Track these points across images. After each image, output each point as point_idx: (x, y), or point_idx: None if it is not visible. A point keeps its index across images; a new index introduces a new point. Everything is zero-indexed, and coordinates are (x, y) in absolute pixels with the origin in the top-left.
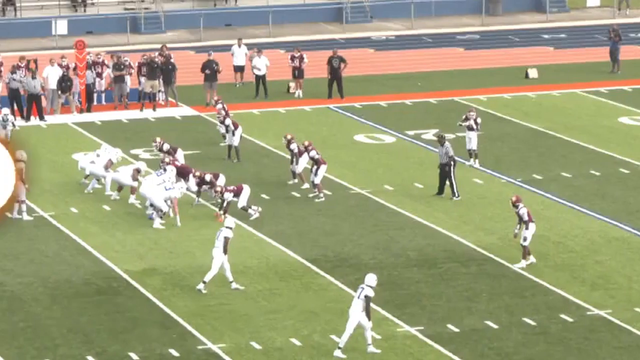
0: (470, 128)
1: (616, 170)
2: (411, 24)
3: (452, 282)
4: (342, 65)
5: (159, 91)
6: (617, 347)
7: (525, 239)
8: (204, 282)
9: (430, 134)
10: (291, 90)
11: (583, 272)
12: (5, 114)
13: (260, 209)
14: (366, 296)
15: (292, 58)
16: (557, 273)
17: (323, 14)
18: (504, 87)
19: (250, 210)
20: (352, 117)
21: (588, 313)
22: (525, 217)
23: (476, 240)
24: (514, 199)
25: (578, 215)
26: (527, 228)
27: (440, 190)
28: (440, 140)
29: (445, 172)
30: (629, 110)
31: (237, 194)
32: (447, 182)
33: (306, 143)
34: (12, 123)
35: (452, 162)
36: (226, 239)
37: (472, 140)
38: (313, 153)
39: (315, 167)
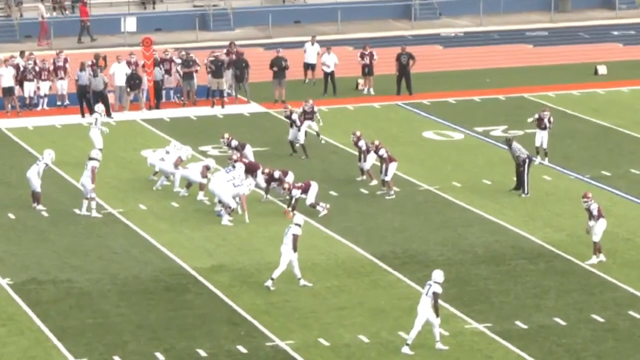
0: (543, 127)
1: None
2: (480, 20)
3: (520, 278)
4: (411, 62)
5: (225, 88)
6: None
7: (595, 235)
8: (272, 279)
9: (499, 131)
10: (360, 87)
11: None
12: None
13: (328, 205)
14: (434, 293)
15: (362, 56)
16: (625, 270)
17: (391, 11)
18: (572, 84)
19: (318, 207)
20: (420, 114)
21: None
22: (595, 213)
23: (544, 237)
24: (583, 194)
25: None
26: (596, 221)
27: (518, 186)
28: (508, 143)
29: (520, 173)
30: None
31: (305, 190)
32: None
33: (376, 142)
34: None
35: (526, 161)
36: (295, 237)
37: (544, 138)
38: (382, 152)
39: (384, 165)
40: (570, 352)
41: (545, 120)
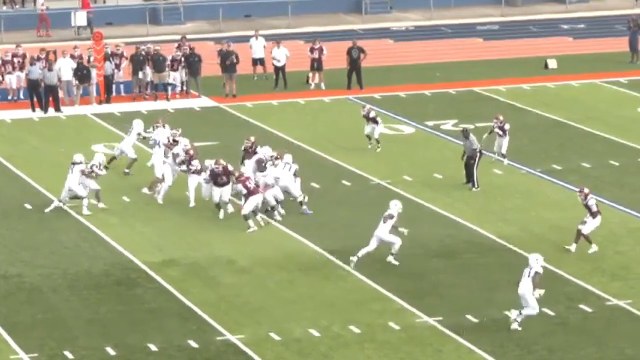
0: (500, 135)
1: (636, 161)
2: (430, 14)
3: (472, 272)
4: (362, 55)
5: (168, 82)
6: (636, 337)
7: (584, 224)
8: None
9: (449, 125)
10: (310, 81)
11: (603, 262)
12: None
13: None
14: (536, 272)
15: (312, 50)
16: (577, 263)
17: (342, 5)
18: (523, 78)
19: (249, 222)
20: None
21: (608, 303)
22: (594, 209)
23: (496, 231)
24: (579, 189)
25: (598, 206)
26: (593, 218)
27: (468, 180)
28: (465, 134)
29: (470, 165)
30: None
31: (249, 193)
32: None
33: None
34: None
35: (477, 155)
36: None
37: (503, 146)
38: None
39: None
40: (521, 346)
41: (497, 129)
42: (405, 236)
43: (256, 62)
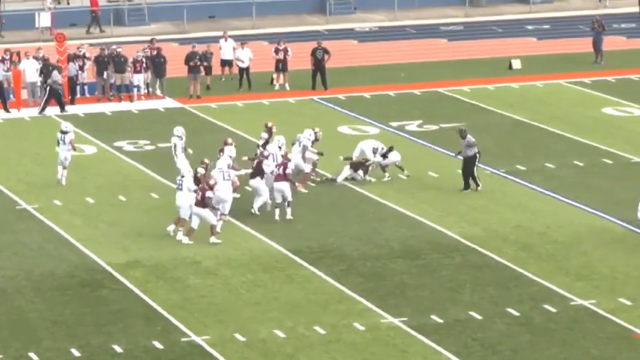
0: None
1: (600, 161)
2: (394, 15)
3: (436, 273)
4: (326, 56)
5: (129, 83)
6: (601, 337)
7: None
8: None
9: (414, 125)
10: (274, 82)
11: (567, 262)
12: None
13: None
14: None
15: (276, 51)
16: (541, 264)
17: (306, 6)
18: (487, 78)
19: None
20: (335, 109)
21: (572, 303)
22: None
23: (460, 231)
24: None
25: (562, 206)
26: None
27: (466, 185)
28: (462, 134)
29: (467, 166)
30: (612, 101)
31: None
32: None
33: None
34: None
35: (477, 156)
36: None
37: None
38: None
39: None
40: (486, 346)
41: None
42: (367, 238)
43: (225, 63)
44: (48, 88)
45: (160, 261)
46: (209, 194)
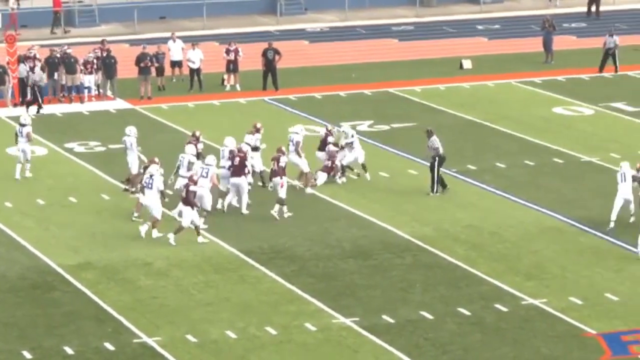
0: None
1: (550, 160)
2: (345, 15)
3: (387, 273)
4: (277, 57)
5: (80, 84)
6: (551, 336)
7: None
8: None
9: (365, 126)
10: (225, 83)
11: (518, 262)
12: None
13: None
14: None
15: (227, 51)
16: (492, 263)
17: (257, 6)
18: (438, 78)
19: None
20: (287, 109)
21: (523, 303)
22: None
23: (411, 231)
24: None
25: (512, 206)
26: None
27: (445, 185)
28: (428, 134)
29: (432, 167)
30: (562, 100)
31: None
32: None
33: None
34: None
35: (436, 157)
36: None
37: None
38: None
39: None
40: (437, 346)
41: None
42: (320, 237)
43: (174, 64)
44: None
45: (111, 262)
46: (192, 188)
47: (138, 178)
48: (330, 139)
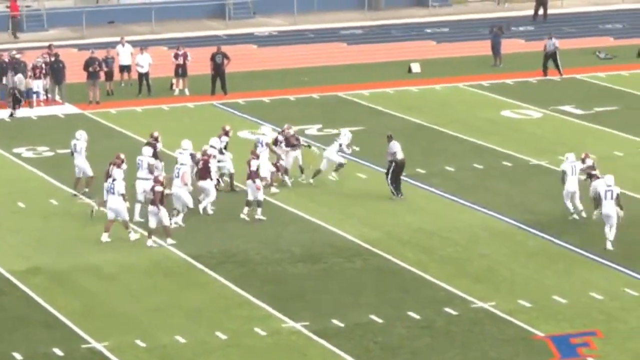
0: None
1: (499, 164)
2: (294, 19)
3: (337, 277)
4: (226, 61)
5: (23, 89)
6: (500, 339)
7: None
8: None
9: (314, 129)
10: (174, 87)
11: (467, 265)
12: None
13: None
14: (618, 194)
15: (176, 56)
16: (441, 267)
17: (205, 10)
18: (387, 82)
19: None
20: (235, 113)
21: (472, 306)
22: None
23: (361, 235)
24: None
25: (461, 209)
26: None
27: (399, 191)
28: (388, 139)
29: (401, 170)
30: (511, 104)
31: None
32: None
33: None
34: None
35: (393, 162)
36: None
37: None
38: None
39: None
40: (386, 350)
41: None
42: (270, 241)
43: (123, 69)
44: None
45: (60, 268)
46: (158, 188)
47: (92, 181)
48: (280, 137)
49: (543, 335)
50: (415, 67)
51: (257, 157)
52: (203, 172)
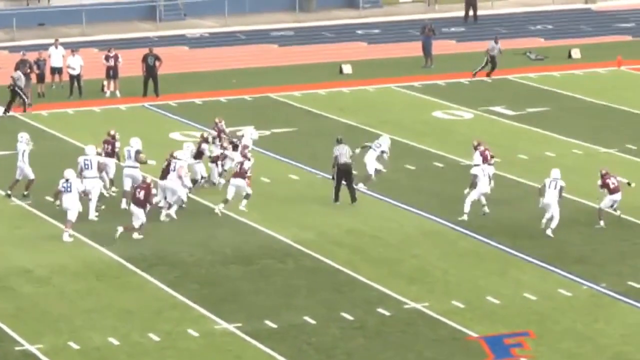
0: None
1: (431, 164)
2: (225, 21)
3: (270, 278)
4: (158, 63)
5: None
6: (434, 340)
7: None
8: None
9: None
10: (105, 90)
11: (400, 266)
12: None
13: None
14: (561, 187)
15: (107, 58)
16: (374, 267)
17: (136, 12)
18: (318, 83)
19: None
20: (167, 115)
21: (405, 306)
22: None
23: (293, 236)
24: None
25: (394, 209)
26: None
27: (337, 197)
28: (339, 140)
29: (348, 175)
30: (442, 105)
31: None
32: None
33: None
34: None
35: (336, 166)
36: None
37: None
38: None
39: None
40: (320, 351)
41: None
42: (202, 243)
43: (55, 71)
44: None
45: None
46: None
47: (31, 184)
48: (204, 145)
49: (477, 336)
50: (347, 69)
51: (248, 159)
52: (166, 173)
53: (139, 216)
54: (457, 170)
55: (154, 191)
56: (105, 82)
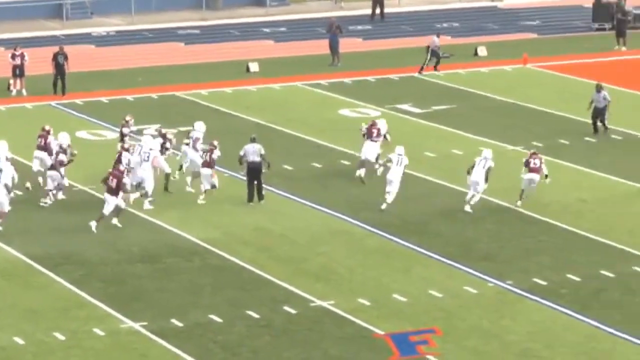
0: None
1: (337, 162)
2: (132, 19)
3: (176, 276)
4: (66, 62)
5: None
6: (340, 337)
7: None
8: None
9: (152, 129)
10: (11, 88)
11: (306, 264)
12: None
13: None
14: (489, 168)
15: (13, 56)
16: (280, 265)
17: (43, 10)
18: (225, 81)
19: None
20: (74, 114)
21: (312, 304)
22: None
23: (199, 235)
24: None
25: (300, 208)
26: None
27: (251, 197)
28: (252, 139)
29: (257, 174)
30: (349, 102)
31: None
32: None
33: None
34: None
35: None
36: None
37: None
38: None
39: None
40: (226, 349)
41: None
42: (108, 242)
43: None
44: None
45: None
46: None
47: None
48: (125, 154)
49: (383, 334)
50: (254, 67)
51: (216, 147)
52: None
53: (109, 202)
54: None
55: (125, 179)
56: (12, 81)
